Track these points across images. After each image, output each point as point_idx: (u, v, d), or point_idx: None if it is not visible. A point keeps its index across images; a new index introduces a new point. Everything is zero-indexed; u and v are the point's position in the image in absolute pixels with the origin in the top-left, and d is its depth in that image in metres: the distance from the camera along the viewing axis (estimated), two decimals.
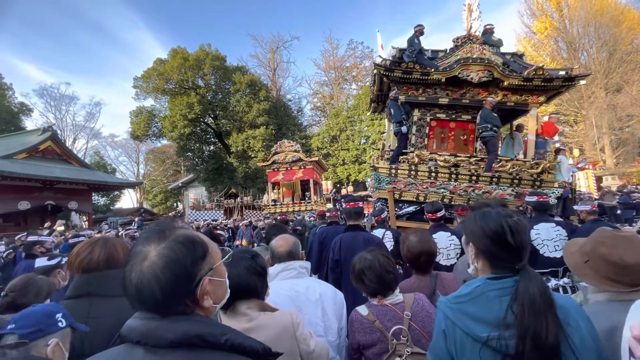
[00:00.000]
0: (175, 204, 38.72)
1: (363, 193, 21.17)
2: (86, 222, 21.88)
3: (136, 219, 18.42)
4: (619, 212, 9.16)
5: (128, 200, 43.39)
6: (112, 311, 1.39)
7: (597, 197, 11.44)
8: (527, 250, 1.04)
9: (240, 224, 12.14)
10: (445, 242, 3.28)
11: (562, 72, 6.09)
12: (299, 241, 1.85)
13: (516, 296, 0.95)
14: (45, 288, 1.89)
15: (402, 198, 5.87)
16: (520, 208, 5.19)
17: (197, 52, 27.67)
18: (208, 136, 31.49)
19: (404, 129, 6.05)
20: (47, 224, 11.46)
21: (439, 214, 3.53)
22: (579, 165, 12.88)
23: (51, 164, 19.53)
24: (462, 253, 3.28)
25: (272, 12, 65.10)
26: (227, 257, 0.90)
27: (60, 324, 1.18)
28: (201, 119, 29.14)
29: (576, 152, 21.53)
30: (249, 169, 27.97)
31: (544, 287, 0.96)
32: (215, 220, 16.22)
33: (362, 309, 1.65)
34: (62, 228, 14.91)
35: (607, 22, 23.45)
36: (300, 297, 1.58)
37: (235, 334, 0.76)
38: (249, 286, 1.24)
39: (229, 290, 0.90)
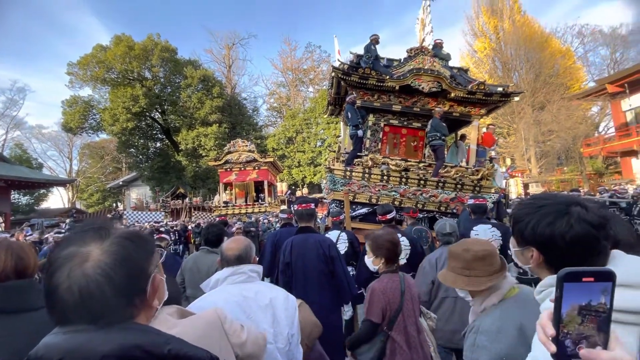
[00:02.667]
0: (114, 204, 35.34)
1: (318, 195, 21.30)
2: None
3: (67, 220, 16.44)
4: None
5: (57, 199, 38.45)
6: (21, 329, 1.13)
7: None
8: None
9: (190, 226, 11.49)
10: None
11: (500, 89, 6.71)
12: (252, 244, 1.74)
13: None
14: None
15: (355, 200, 5.97)
16: (454, 211, 5.64)
17: (145, 42, 25.79)
18: (154, 132, 29.47)
19: (359, 132, 6.17)
20: None
21: (389, 216, 3.65)
22: (509, 171, 14.46)
23: None
24: (412, 253, 3.40)
25: (229, 5, 63.21)
26: (163, 256, 0.83)
27: None
28: (147, 113, 27.16)
29: (508, 161, 24.03)
30: (199, 168, 26.68)
31: None
32: (158, 222, 15.09)
33: None
34: None
35: (534, 47, 26.60)
36: (248, 303, 1.48)
37: (180, 343, 0.68)
38: (170, 292, 1.13)
39: (167, 291, 0.84)
